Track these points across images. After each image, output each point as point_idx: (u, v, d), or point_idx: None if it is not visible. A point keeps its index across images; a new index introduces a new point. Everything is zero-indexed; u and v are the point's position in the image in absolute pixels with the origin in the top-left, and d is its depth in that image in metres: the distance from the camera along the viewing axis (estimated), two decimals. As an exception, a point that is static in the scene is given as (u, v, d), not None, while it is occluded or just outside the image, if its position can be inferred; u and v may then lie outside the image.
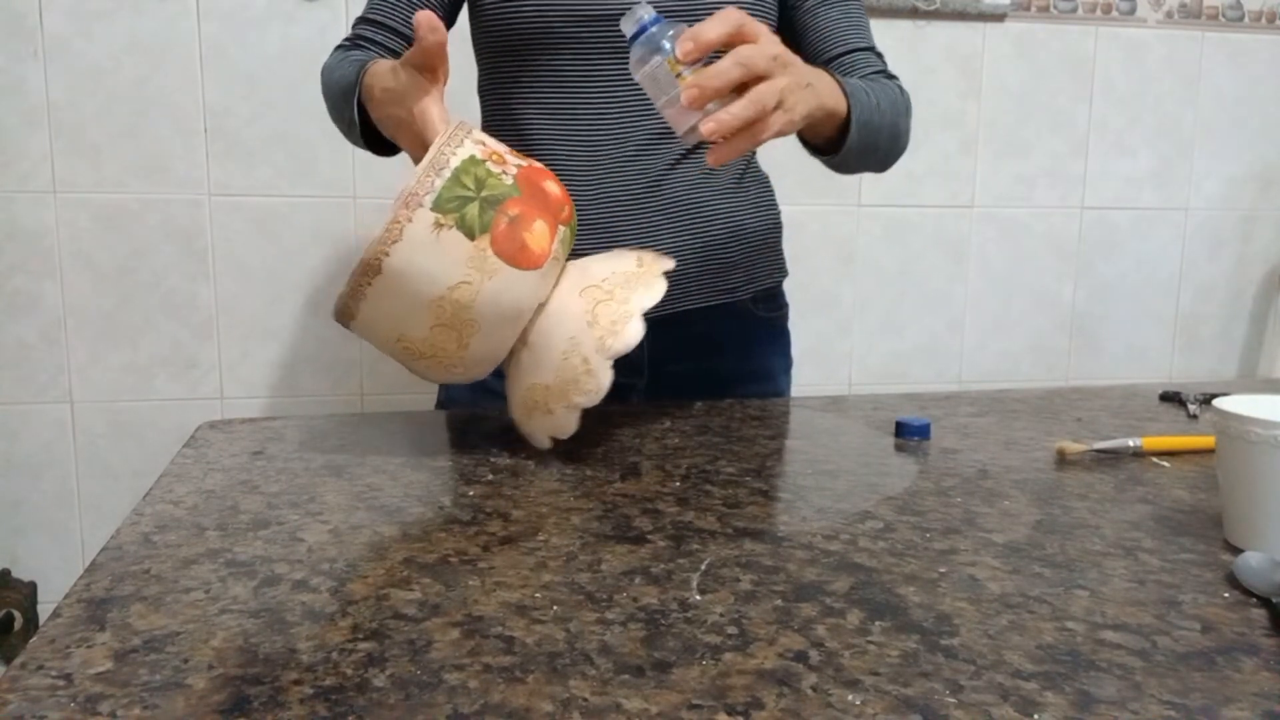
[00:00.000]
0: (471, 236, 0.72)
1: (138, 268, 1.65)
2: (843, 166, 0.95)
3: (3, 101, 1.58)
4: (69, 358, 1.65)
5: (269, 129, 1.65)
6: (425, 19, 0.75)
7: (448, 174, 0.72)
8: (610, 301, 0.76)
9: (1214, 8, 1.95)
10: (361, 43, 0.99)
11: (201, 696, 0.43)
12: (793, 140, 0.89)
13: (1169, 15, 1.94)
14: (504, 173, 0.75)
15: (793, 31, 1.03)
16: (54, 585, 1.69)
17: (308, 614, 0.52)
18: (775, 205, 1.12)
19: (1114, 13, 1.92)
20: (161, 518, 0.66)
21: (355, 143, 0.96)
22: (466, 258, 0.72)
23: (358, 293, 0.73)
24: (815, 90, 0.79)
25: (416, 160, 0.81)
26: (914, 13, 1.83)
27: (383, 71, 0.84)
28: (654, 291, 0.77)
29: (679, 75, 0.73)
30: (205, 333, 1.69)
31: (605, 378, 0.73)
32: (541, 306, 0.77)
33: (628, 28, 0.75)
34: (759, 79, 0.72)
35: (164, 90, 1.61)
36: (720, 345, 1.06)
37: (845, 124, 0.87)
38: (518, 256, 0.73)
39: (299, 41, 1.64)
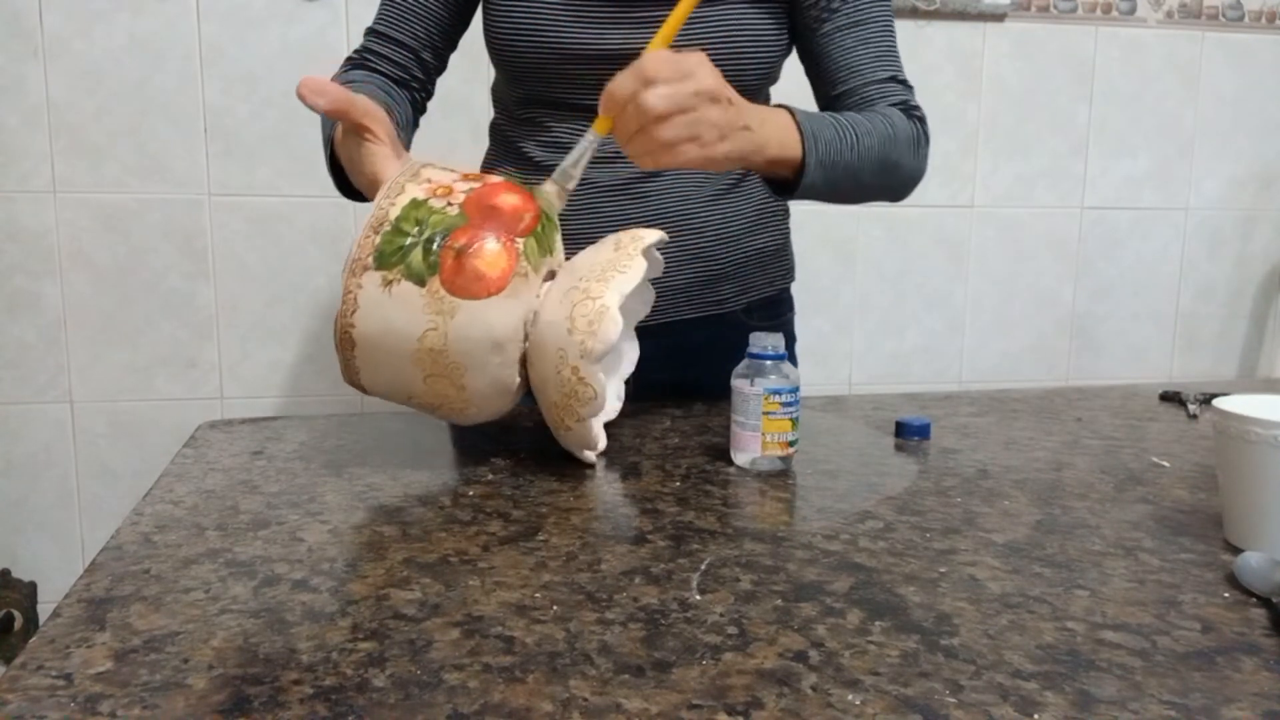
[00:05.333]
0: (422, 283, 0.71)
1: (138, 268, 1.65)
2: (826, 199, 0.93)
3: (3, 101, 1.58)
4: (69, 358, 1.65)
5: (269, 129, 1.65)
6: (305, 84, 0.74)
7: (387, 228, 0.72)
8: (585, 300, 0.72)
9: (1214, 8, 1.95)
10: (368, 56, 1.00)
11: (201, 696, 0.43)
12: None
13: (1169, 15, 1.94)
14: (449, 204, 0.73)
15: (808, 58, 0.99)
16: (54, 585, 1.69)
17: (308, 614, 0.52)
18: (779, 216, 1.10)
19: (1114, 13, 1.92)
20: (161, 518, 0.66)
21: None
22: (423, 305, 0.71)
23: (350, 365, 0.75)
24: (753, 135, 0.79)
25: None
26: (914, 13, 1.83)
27: (340, 141, 0.84)
28: (630, 275, 0.74)
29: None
30: (205, 333, 1.69)
31: (599, 384, 0.72)
32: (537, 317, 0.75)
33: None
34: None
35: (164, 90, 1.61)
36: (705, 356, 1.02)
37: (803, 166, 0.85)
38: (473, 287, 0.71)
39: (299, 41, 1.64)
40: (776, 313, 1.11)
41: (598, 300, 0.72)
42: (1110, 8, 1.91)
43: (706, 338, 1.03)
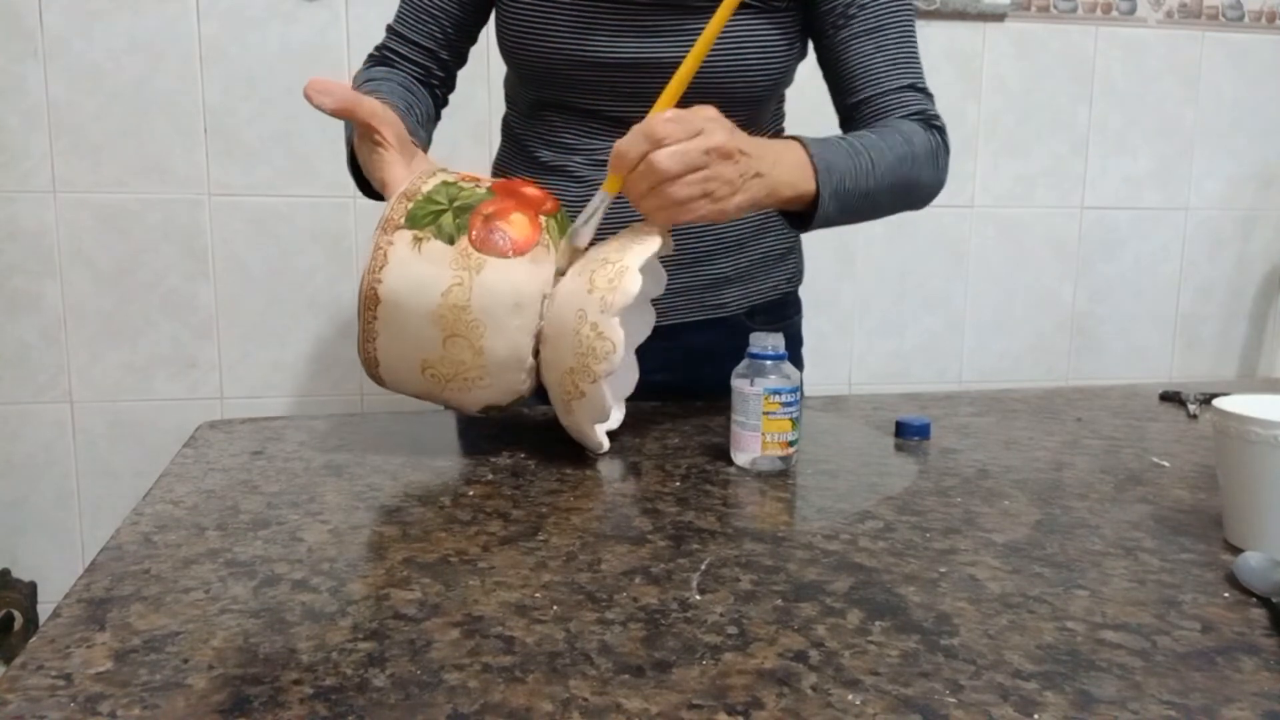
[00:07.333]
0: (451, 241, 0.74)
1: (138, 268, 1.65)
2: (845, 224, 0.92)
3: (3, 101, 1.58)
4: (69, 358, 1.65)
5: (269, 129, 1.65)
6: (312, 84, 0.75)
7: (419, 197, 0.76)
8: (605, 265, 0.76)
9: (1214, 8, 1.95)
10: (388, 54, 1.01)
11: (201, 696, 0.43)
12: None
13: (1169, 15, 1.94)
14: (477, 186, 0.79)
15: (825, 64, 0.98)
16: (54, 585, 1.69)
17: (308, 614, 0.52)
18: (783, 221, 1.09)
19: (1114, 13, 1.92)
20: (161, 518, 0.66)
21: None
22: (450, 260, 0.74)
23: (369, 333, 0.75)
24: (766, 181, 0.79)
25: None
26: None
27: (357, 143, 0.84)
28: (647, 245, 0.77)
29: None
30: (205, 333, 1.69)
31: (616, 336, 0.74)
32: (549, 298, 0.78)
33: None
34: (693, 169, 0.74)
35: (164, 90, 1.61)
36: (705, 359, 1.01)
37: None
38: (500, 246, 0.76)
39: (299, 41, 1.64)
40: (781, 316, 1.10)
41: (617, 263, 0.75)
42: (1110, 8, 1.91)
43: (708, 341, 1.03)
